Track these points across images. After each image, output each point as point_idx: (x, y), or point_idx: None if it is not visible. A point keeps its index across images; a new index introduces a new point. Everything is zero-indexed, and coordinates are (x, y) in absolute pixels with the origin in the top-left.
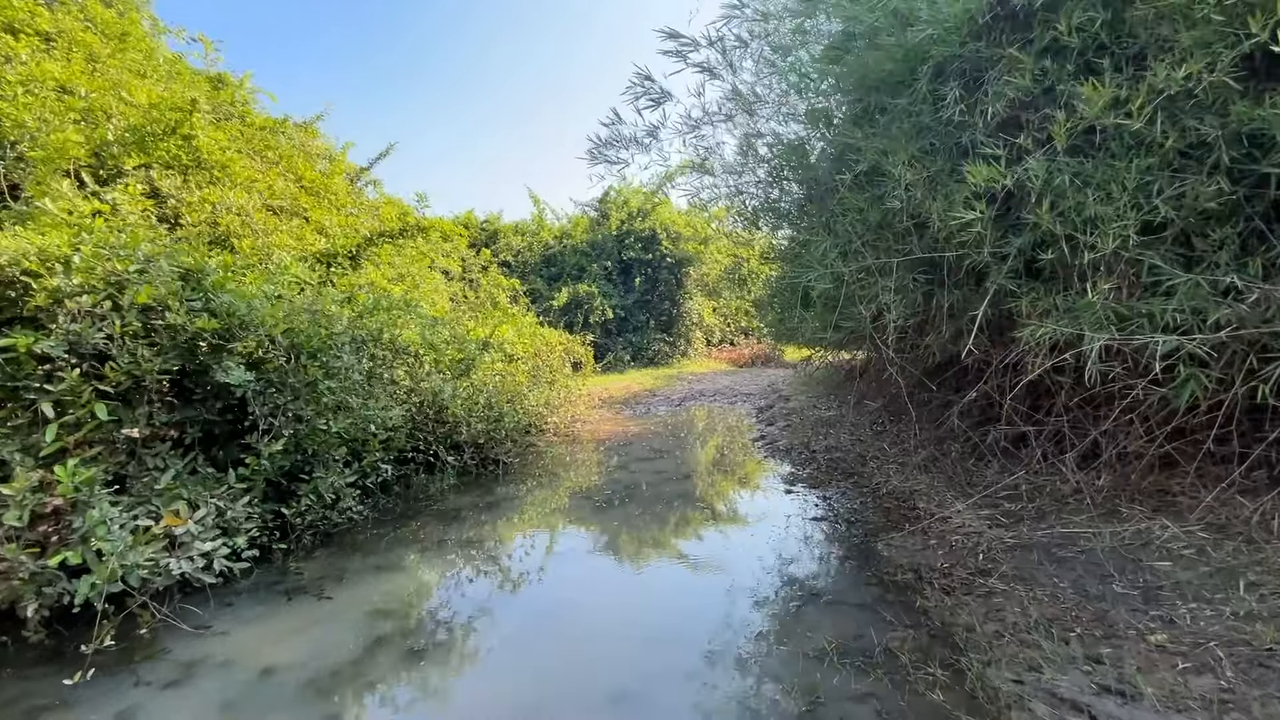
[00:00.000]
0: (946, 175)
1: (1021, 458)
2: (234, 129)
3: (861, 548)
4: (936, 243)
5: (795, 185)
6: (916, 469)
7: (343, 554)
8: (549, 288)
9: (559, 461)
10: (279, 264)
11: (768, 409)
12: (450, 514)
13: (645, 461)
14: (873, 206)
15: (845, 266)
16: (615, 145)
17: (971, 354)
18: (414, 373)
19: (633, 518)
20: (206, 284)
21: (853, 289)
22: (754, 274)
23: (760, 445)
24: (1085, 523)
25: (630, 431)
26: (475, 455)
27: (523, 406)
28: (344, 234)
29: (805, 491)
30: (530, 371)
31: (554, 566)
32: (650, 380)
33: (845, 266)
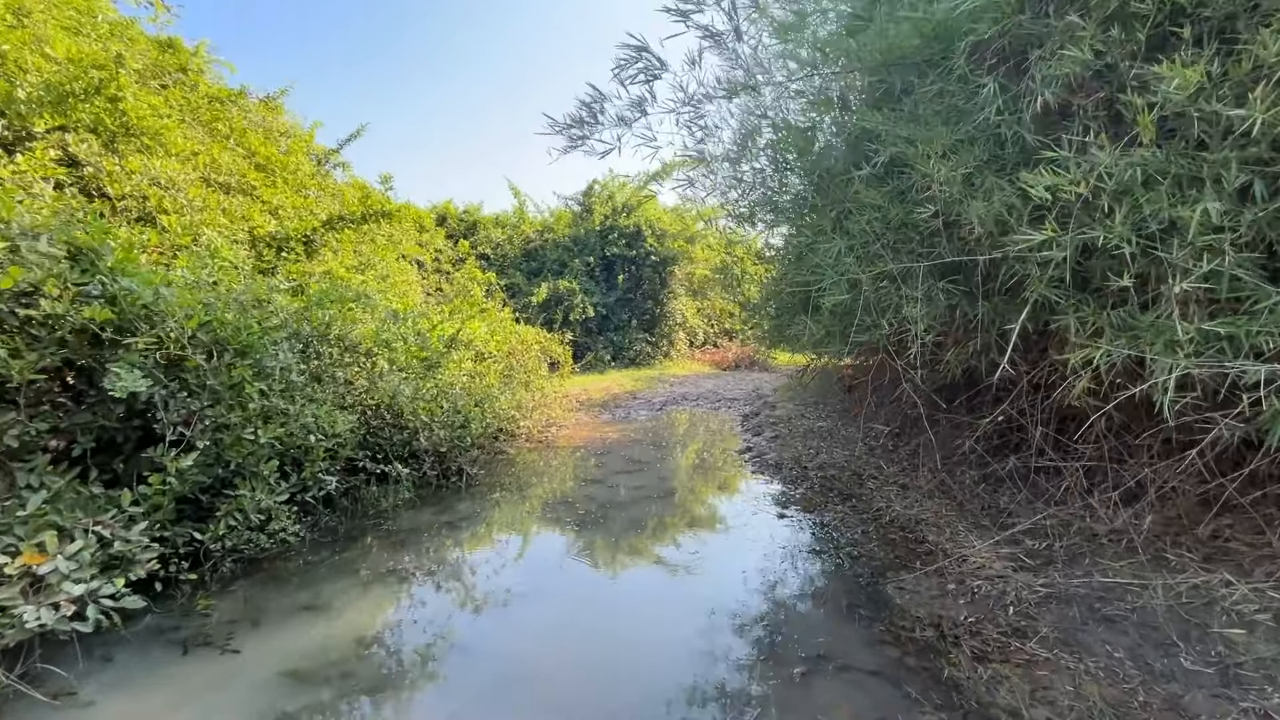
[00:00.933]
0: (984, 168)
1: (1044, 489)
2: (178, 96)
3: (869, 591)
4: (967, 245)
5: (800, 177)
6: (921, 493)
7: (268, 586)
8: (529, 283)
9: (530, 472)
10: (208, 246)
11: (753, 416)
12: (401, 535)
13: (624, 474)
14: (894, 203)
15: (862, 271)
16: (591, 125)
17: (1005, 372)
18: (368, 373)
19: (609, 547)
20: (104, 266)
21: (871, 297)
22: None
23: (748, 459)
24: (1128, 571)
25: (609, 438)
26: (436, 465)
27: (493, 410)
28: (299, 217)
29: (800, 516)
30: (503, 372)
31: (516, 611)
32: (631, 382)
33: (862, 271)
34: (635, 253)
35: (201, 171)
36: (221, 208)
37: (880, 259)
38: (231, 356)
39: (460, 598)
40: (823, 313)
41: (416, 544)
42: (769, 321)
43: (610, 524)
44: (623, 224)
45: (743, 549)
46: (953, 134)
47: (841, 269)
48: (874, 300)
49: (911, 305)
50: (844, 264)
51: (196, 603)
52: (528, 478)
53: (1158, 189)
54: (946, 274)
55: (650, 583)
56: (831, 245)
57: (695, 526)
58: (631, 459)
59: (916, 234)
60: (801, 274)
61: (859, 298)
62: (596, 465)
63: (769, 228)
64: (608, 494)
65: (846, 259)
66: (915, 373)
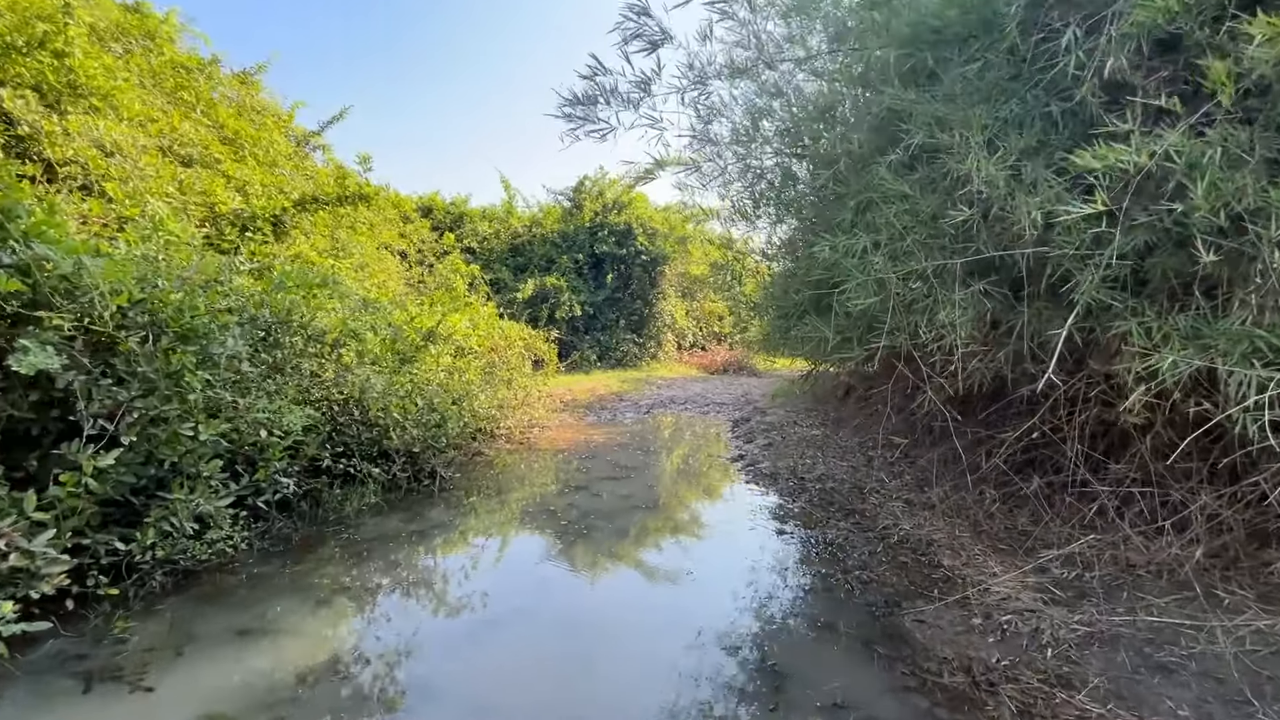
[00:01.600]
0: (1034, 154)
1: (1071, 511)
2: (140, 61)
3: (885, 624)
4: (1005, 241)
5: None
6: (931, 511)
7: (202, 605)
8: (515, 278)
9: (509, 476)
10: (153, 218)
11: (744, 422)
12: (363, 545)
13: (609, 481)
14: (925, 193)
15: (893, 271)
16: (592, 106)
17: (1043, 384)
18: (333, 365)
19: (593, 564)
20: (14, 230)
21: (901, 298)
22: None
23: (740, 468)
24: (1177, 610)
25: (594, 441)
26: (408, 466)
27: (471, 409)
28: (268, 195)
29: (800, 532)
30: (484, 368)
31: (488, 641)
32: (617, 383)
33: (893, 271)
34: (625, 251)
35: (158, 140)
36: (178, 180)
37: (910, 256)
38: (171, 341)
39: (425, 622)
40: (838, 315)
41: (379, 556)
42: (770, 324)
43: (594, 537)
44: (613, 221)
45: (740, 569)
46: (995, 113)
47: (867, 268)
48: (904, 303)
49: (948, 308)
50: (869, 262)
51: (113, 625)
52: (506, 482)
53: (1241, 169)
54: (982, 273)
55: (640, 608)
56: (854, 241)
57: (687, 542)
58: (617, 464)
59: (951, 228)
60: (813, 272)
61: (888, 299)
62: (580, 470)
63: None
64: (592, 502)
65: (873, 256)
66: (939, 381)
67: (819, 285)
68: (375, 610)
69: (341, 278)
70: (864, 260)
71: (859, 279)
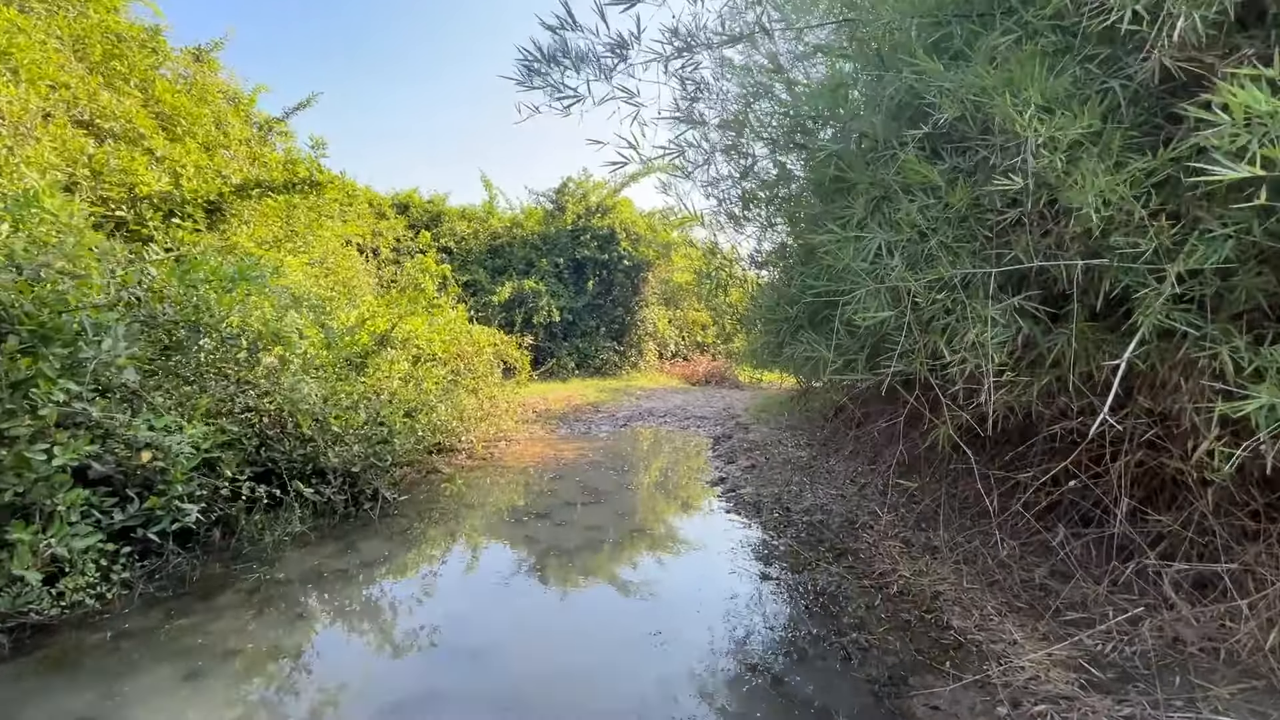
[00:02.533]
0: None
1: (1100, 567)
2: (61, 22)
3: (892, 708)
4: (1047, 248)
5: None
6: (929, 553)
7: (43, 674)
8: (492, 280)
9: (463, 499)
10: (25, 193)
11: (725, 439)
12: (274, 588)
13: (575, 508)
14: (955, 186)
15: (913, 277)
16: (558, 63)
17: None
18: (262, 372)
19: (548, 619)
20: None
21: (923, 311)
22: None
23: (721, 493)
24: (1244, 703)
25: (564, 458)
26: (346, 487)
27: (428, 421)
28: (204, 179)
29: (787, 578)
30: (448, 376)
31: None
32: (594, 392)
33: (913, 277)
34: (608, 256)
35: (73, 110)
36: (88, 154)
37: (933, 261)
38: (25, 342)
39: (320, 704)
40: (839, 332)
41: (289, 603)
42: (760, 339)
43: (551, 582)
44: (596, 225)
45: (718, 630)
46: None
47: (881, 273)
48: (923, 318)
49: (978, 326)
50: (885, 267)
51: None
52: (458, 507)
53: None
54: (1015, 286)
55: (596, 685)
56: (866, 241)
57: (658, 587)
58: (588, 486)
59: (984, 228)
60: (813, 279)
61: (904, 313)
62: (545, 493)
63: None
64: (554, 534)
65: (890, 260)
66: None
67: (817, 296)
68: (262, 685)
69: (265, 272)
70: (877, 265)
71: (870, 287)
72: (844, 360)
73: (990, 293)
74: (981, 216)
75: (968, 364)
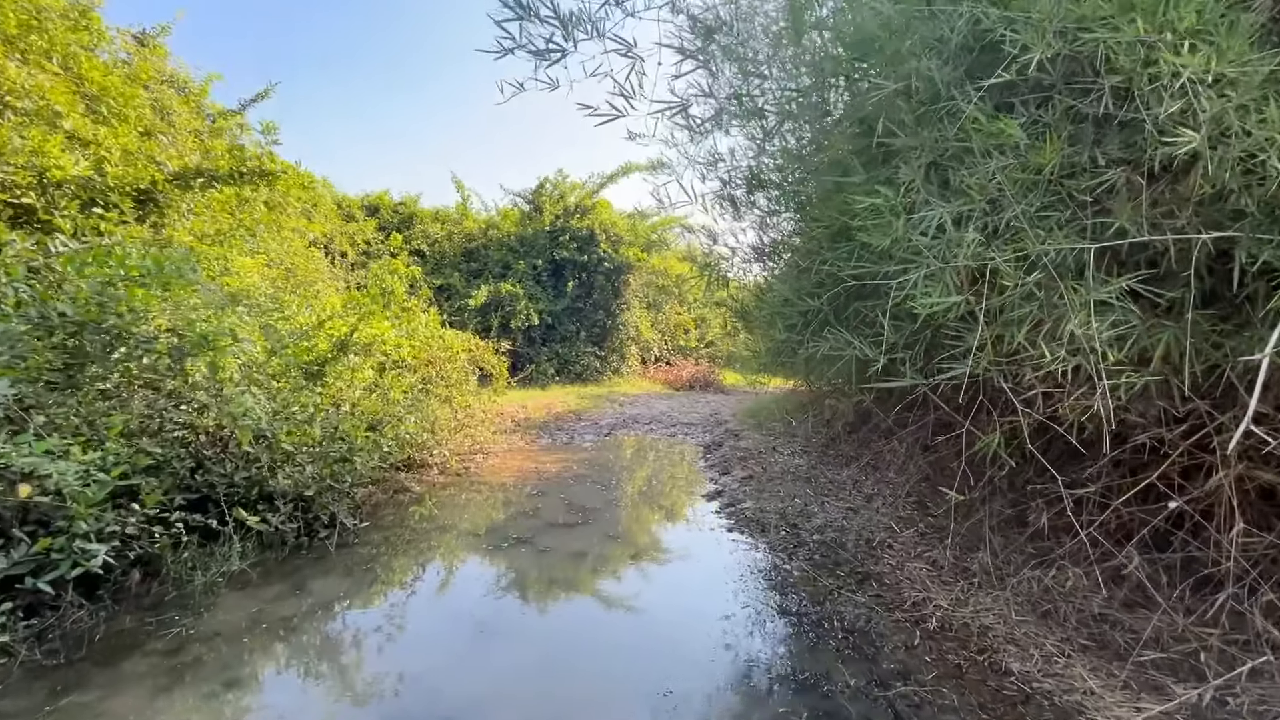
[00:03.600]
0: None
1: (1175, 596)
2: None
3: None
4: (1161, 216)
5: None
6: (962, 575)
7: None
8: (468, 284)
9: (434, 521)
10: None
11: (716, 447)
12: (195, 648)
13: (560, 530)
14: (1042, 143)
15: (994, 255)
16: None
17: (1245, 434)
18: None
19: (536, 672)
20: None
21: (1004, 298)
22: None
23: (719, 509)
24: None
25: (545, 471)
26: (299, 513)
27: (395, 434)
28: (134, 165)
29: (808, 610)
30: (416, 385)
31: None
32: (576, 400)
33: (994, 255)
34: (587, 257)
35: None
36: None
37: (1018, 236)
38: None
39: None
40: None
41: (217, 667)
42: (769, 339)
43: (531, 624)
44: (575, 226)
45: (741, 681)
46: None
47: (946, 251)
48: (1000, 305)
49: (1080, 314)
50: (949, 242)
51: None
52: (429, 532)
53: None
54: (1110, 267)
55: None
56: (925, 214)
57: (661, 629)
58: (572, 503)
59: (1083, 193)
60: (842, 262)
61: (980, 299)
62: (525, 512)
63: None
64: (536, 563)
65: (962, 232)
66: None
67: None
68: None
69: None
70: (939, 241)
71: (933, 267)
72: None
73: (1087, 273)
74: (1074, 180)
75: (1064, 362)
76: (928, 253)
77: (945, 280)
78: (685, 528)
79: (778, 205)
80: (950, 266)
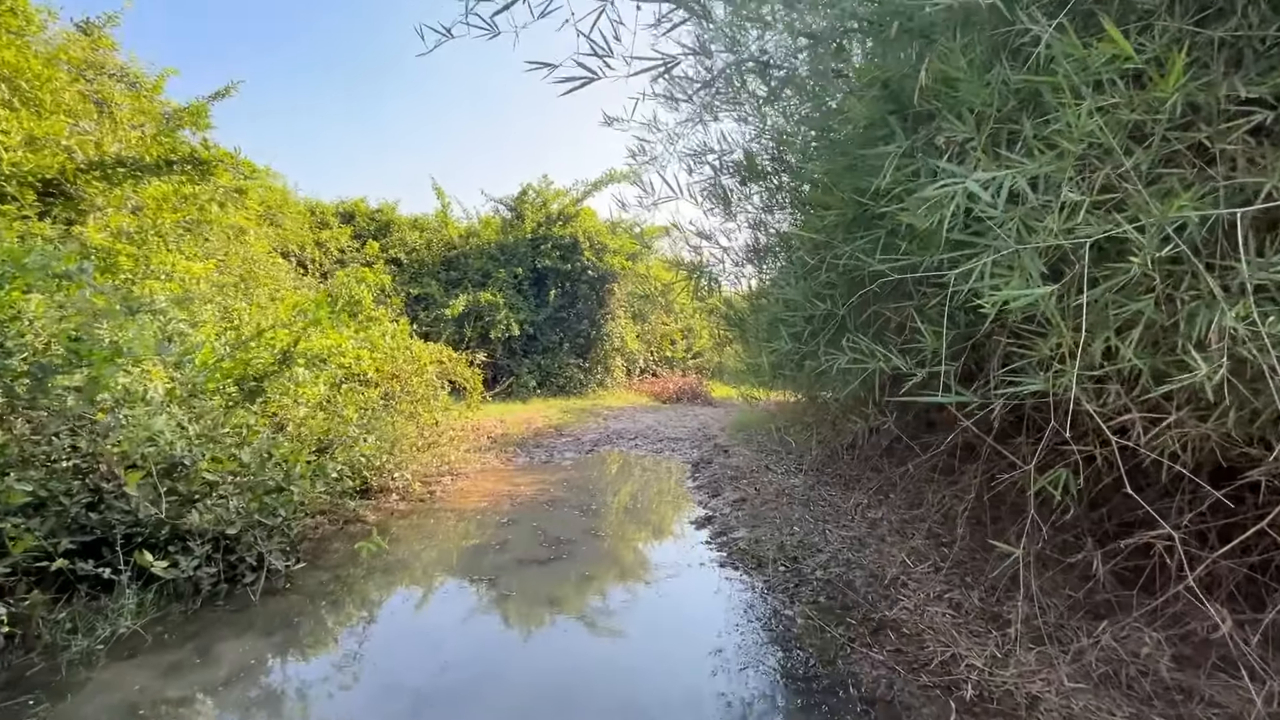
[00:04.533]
0: None
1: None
2: None
3: None
4: None
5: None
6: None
7: None
8: (446, 293)
9: (380, 561)
10: None
11: (705, 465)
12: None
13: (530, 568)
14: (1168, 68)
15: (1093, 228)
16: None
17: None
18: (59, 402)
19: None
20: None
21: (1114, 291)
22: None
23: (710, 538)
24: None
25: (520, 494)
26: (217, 556)
27: (349, 457)
28: (39, 151)
29: (818, 673)
30: (379, 400)
31: None
32: (558, 414)
33: (1093, 228)
34: (570, 266)
35: None
36: None
37: (1123, 205)
38: None
39: None
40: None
41: None
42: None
43: (482, 702)
44: (558, 234)
45: None
46: None
47: (1020, 227)
48: (1110, 295)
49: (1241, 308)
50: (1032, 211)
51: None
52: (373, 573)
53: None
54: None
55: None
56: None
57: (647, 703)
58: (547, 534)
59: (1216, 140)
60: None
61: (1073, 288)
62: (493, 546)
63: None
64: (493, 614)
65: (1055, 197)
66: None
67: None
68: None
69: (84, 266)
70: (1013, 213)
71: (1003, 250)
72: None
73: (1227, 250)
74: (1195, 128)
75: (1214, 370)
76: (999, 230)
77: (1024, 266)
78: (672, 564)
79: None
80: (1032, 247)
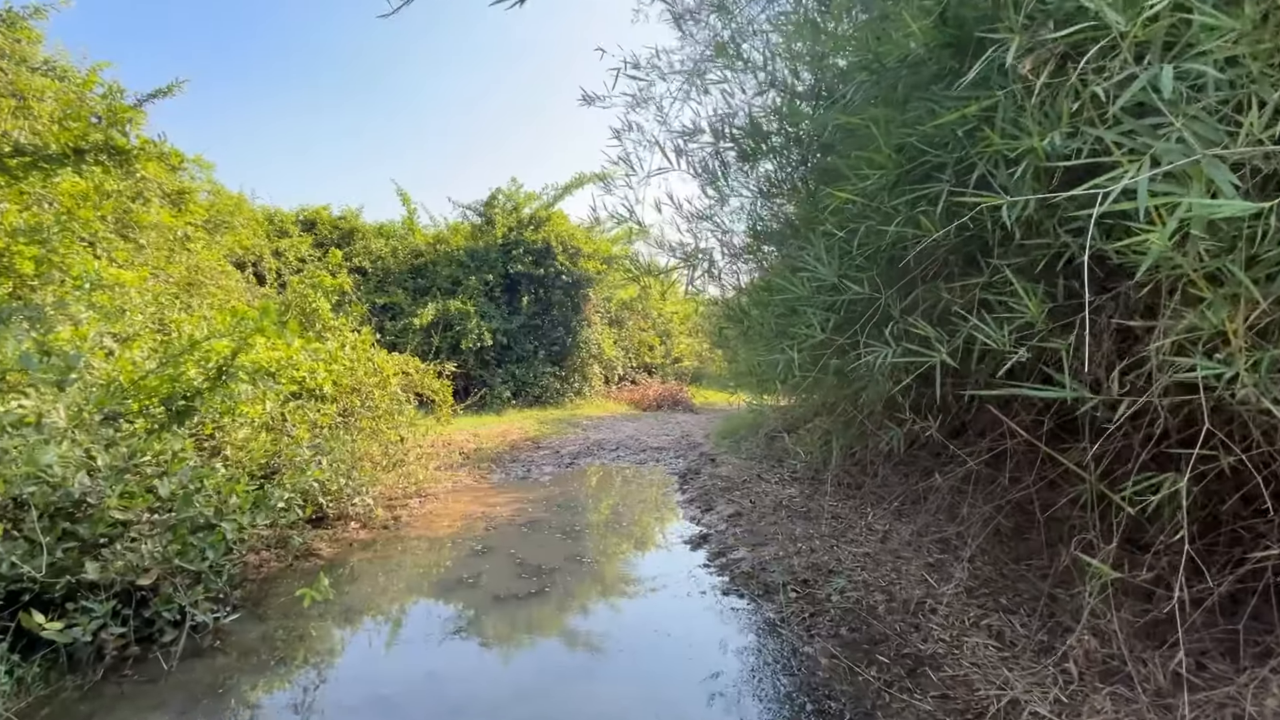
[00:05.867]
0: None
1: None
2: None
3: None
4: None
5: None
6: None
7: None
8: (414, 302)
9: (329, 607)
10: None
11: (693, 475)
12: None
13: (506, 606)
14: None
15: None
16: None
17: None
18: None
19: None
20: None
21: None
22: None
23: (708, 559)
24: None
25: (495, 516)
26: (131, 610)
27: (298, 483)
28: None
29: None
30: (336, 417)
31: None
32: (535, 425)
33: None
34: (544, 271)
35: None
36: None
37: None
38: None
39: None
40: (997, 311)
41: None
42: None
43: None
44: (529, 239)
45: None
46: None
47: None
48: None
49: None
50: (1205, 112)
51: None
52: (319, 621)
53: None
54: None
55: None
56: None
57: None
58: (525, 563)
59: None
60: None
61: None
62: (465, 580)
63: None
64: (462, 673)
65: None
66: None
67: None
68: None
69: None
70: (1190, 108)
71: (1174, 161)
72: (1026, 354)
73: None
74: None
75: None
76: (1158, 138)
77: (1208, 179)
78: (669, 592)
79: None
80: (1218, 152)
